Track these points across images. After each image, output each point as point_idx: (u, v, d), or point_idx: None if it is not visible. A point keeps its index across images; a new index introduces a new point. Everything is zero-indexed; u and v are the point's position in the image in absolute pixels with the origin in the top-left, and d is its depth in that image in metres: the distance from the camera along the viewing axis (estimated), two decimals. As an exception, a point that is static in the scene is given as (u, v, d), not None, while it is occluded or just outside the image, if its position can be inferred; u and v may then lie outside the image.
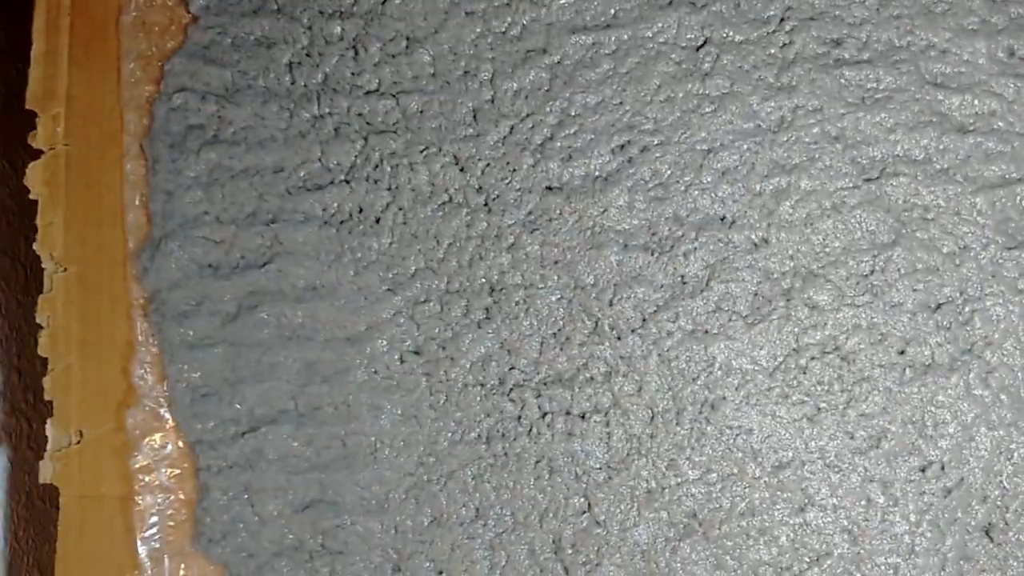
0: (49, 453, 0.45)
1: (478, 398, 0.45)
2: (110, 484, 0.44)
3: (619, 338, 0.46)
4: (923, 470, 0.46)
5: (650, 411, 0.46)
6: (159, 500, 0.44)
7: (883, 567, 0.44)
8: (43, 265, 0.46)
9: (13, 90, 0.48)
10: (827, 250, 0.46)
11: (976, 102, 0.47)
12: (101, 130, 0.46)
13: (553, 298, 0.46)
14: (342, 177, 0.46)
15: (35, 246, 0.46)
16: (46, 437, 0.46)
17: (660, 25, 0.47)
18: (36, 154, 0.47)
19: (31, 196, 0.46)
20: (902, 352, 0.46)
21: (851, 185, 0.46)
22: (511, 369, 0.46)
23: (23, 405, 0.48)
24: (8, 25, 0.48)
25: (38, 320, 0.45)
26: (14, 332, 0.49)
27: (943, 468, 0.46)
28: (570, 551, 0.44)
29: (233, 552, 0.44)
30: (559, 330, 0.46)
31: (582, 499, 0.45)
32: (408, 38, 0.46)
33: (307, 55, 0.46)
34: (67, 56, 0.46)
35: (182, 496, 0.45)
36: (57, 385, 0.45)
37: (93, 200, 0.45)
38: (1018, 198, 0.46)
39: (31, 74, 0.46)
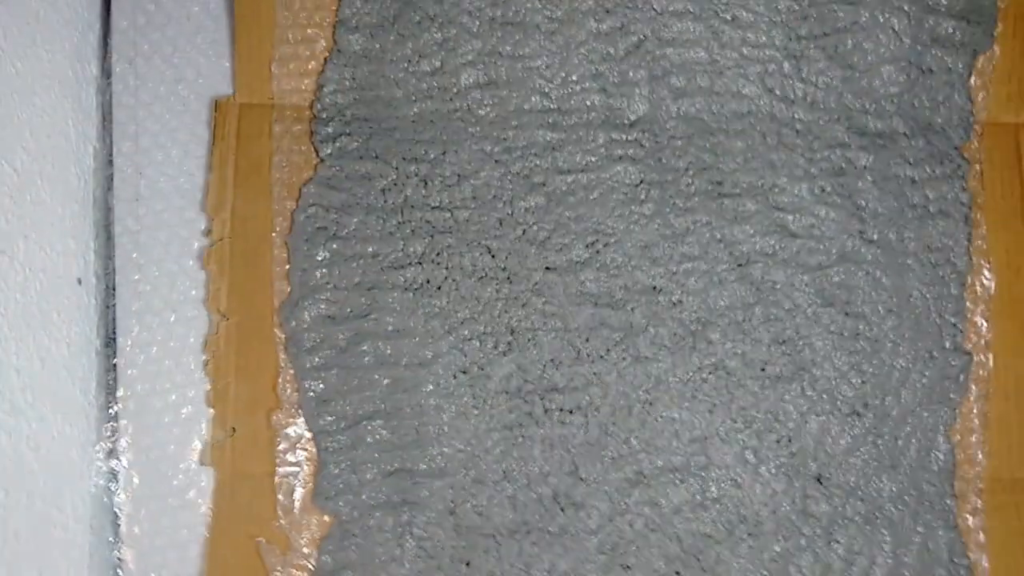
0: (209, 444, 0.53)
1: (504, 401, 0.53)
2: (258, 463, 0.52)
3: (592, 362, 0.53)
4: (778, 442, 0.53)
5: (612, 408, 0.53)
6: (292, 471, 0.53)
7: (757, 504, 0.52)
8: (211, 315, 0.54)
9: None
10: (716, 307, 0.53)
11: (803, 219, 0.54)
12: (256, 229, 0.54)
13: (551, 336, 0.53)
14: (416, 260, 0.53)
15: (204, 303, 0.53)
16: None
17: (613, 171, 0.54)
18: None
19: (204, 269, 0.54)
20: (763, 369, 0.53)
21: (729, 268, 0.54)
22: (525, 382, 0.52)
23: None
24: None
25: (204, 355, 0.54)
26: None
27: (790, 440, 0.53)
28: (564, 498, 0.52)
29: (343, 505, 0.52)
30: (554, 357, 0.53)
31: (571, 464, 0.52)
32: (459, 175, 0.54)
33: (394, 184, 0.54)
34: (232, 181, 0.54)
35: (308, 469, 0.52)
36: (218, 398, 0.53)
37: (249, 274, 0.54)
38: (829, 277, 0.54)
39: (207, 190, 0.54)
